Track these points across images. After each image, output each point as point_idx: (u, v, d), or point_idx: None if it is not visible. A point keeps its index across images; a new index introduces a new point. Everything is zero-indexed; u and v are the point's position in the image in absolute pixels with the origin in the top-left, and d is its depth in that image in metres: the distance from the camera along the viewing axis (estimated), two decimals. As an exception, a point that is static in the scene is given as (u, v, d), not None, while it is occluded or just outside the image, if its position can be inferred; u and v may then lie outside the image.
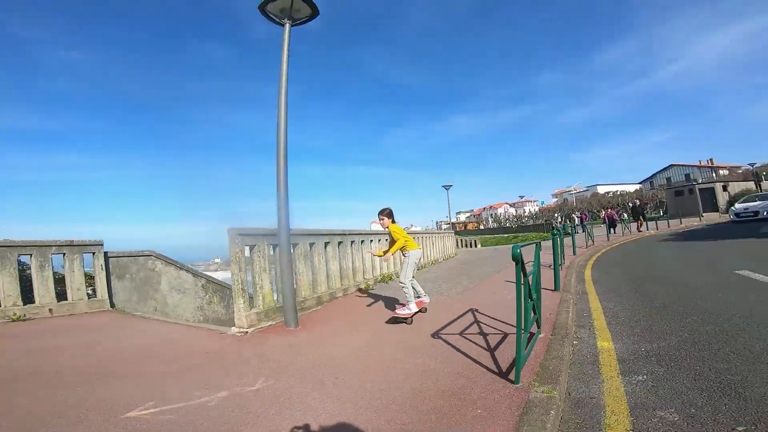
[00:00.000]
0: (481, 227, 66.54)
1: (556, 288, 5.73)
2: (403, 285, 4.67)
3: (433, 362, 3.13)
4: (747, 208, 16.43)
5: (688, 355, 2.98)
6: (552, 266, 6.27)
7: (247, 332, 4.28)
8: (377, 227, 5.91)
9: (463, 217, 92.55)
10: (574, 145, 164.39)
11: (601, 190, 70.82)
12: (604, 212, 28.34)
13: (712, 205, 28.33)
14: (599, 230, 18.83)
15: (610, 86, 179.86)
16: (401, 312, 4.61)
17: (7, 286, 5.28)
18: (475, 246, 28.68)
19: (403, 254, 4.93)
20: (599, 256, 10.83)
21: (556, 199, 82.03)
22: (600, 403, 2.41)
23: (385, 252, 5.25)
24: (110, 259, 6.66)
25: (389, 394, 2.57)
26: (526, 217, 71.82)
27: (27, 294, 5.60)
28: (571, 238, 11.48)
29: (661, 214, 32.75)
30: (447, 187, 27.15)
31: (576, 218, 34.64)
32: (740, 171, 51.46)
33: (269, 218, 4.84)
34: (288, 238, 4.64)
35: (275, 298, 5.04)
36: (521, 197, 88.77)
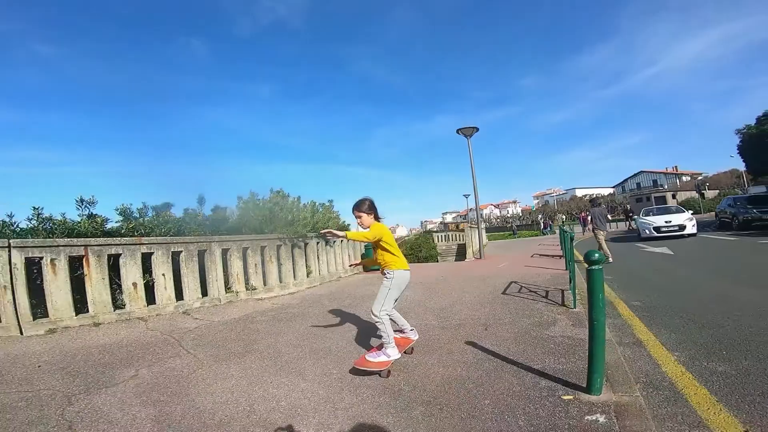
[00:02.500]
0: (482, 227, 73.66)
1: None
2: (377, 320, 2.98)
3: (541, 261, 11.62)
4: (669, 221, 15.08)
5: (611, 268, 11.56)
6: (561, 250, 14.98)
7: (473, 259, 12.82)
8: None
9: (449, 218, 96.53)
10: (556, 146, 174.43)
11: (579, 193, 76.90)
12: (581, 213, 38.03)
13: (663, 210, 37.01)
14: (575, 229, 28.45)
15: (589, 88, 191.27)
16: (373, 360, 2.90)
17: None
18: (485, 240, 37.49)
19: (384, 274, 3.13)
20: (575, 244, 19.77)
21: (537, 201, 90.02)
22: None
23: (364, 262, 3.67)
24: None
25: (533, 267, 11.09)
26: (509, 217, 79.77)
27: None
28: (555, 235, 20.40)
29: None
30: (466, 196, 35.73)
31: (541, 222, 44.32)
32: (699, 178, 57.49)
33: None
34: (480, 229, 13.16)
35: (478, 249, 13.54)
36: (514, 201, 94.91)
